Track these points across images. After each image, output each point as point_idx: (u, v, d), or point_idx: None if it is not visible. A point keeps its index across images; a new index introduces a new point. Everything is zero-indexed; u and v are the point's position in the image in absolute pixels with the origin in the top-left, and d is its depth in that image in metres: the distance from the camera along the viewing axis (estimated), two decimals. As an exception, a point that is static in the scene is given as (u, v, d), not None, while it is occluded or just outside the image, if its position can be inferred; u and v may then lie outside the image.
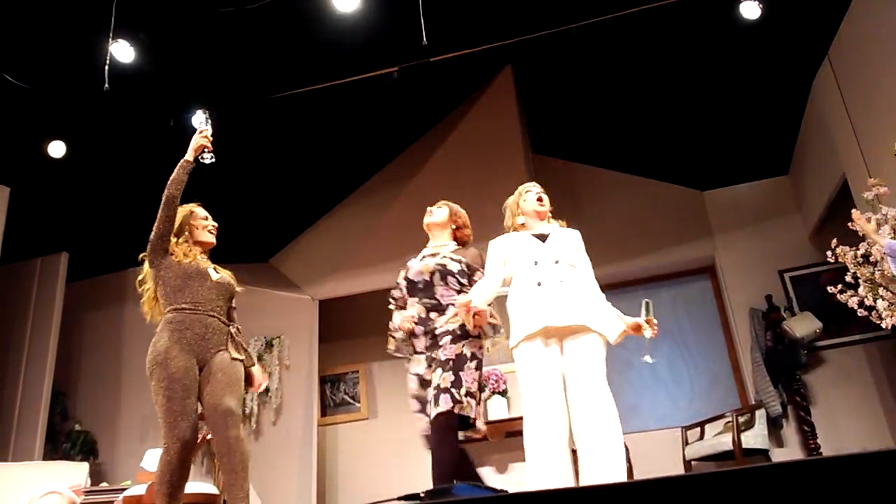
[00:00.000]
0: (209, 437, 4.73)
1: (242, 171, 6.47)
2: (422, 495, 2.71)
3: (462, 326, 3.27)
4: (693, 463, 5.80)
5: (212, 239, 3.44)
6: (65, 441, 6.74)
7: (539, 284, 3.08)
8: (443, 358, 3.25)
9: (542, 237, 3.24)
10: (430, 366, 3.33)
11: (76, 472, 4.81)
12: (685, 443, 5.91)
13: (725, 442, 5.46)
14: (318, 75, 5.77)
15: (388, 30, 5.32)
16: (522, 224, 3.36)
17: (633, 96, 6.49)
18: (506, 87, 6.89)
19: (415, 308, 3.47)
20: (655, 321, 3.03)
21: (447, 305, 3.39)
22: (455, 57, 5.65)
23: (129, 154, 6.08)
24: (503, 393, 5.93)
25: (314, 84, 5.74)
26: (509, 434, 5.81)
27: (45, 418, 6.43)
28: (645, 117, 6.67)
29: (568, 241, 3.25)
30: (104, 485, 5.95)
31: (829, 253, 4.39)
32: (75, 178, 6.09)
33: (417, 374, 3.40)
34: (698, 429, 5.95)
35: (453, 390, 3.15)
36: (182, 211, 3.35)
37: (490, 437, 5.81)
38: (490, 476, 5.94)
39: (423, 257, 3.60)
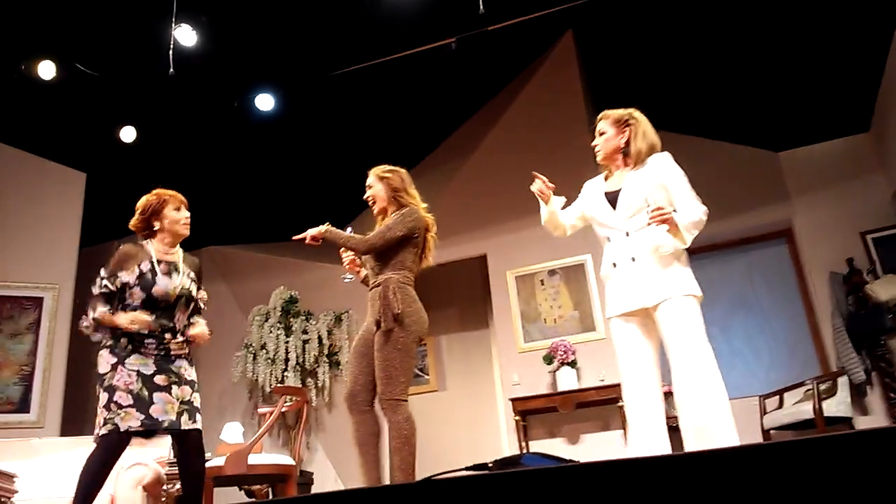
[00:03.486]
0: (283, 408, 4.84)
1: (308, 149, 6.55)
2: (490, 465, 2.70)
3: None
4: (772, 432, 5.65)
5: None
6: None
7: (614, 265, 3.04)
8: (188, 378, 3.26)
9: (615, 198, 3.05)
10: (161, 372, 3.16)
11: (161, 445, 4.97)
12: (763, 412, 5.76)
13: (806, 410, 5.29)
14: (374, 51, 5.75)
15: (443, 0, 5.26)
16: (608, 171, 3.23)
17: (701, 56, 6.25)
18: (567, 53, 6.75)
19: None
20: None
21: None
22: (513, 24, 5.56)
23: (196, 136, 6.22)
24: (572, 364, 5.87)
25: (370, 60, 5.73)
26: (580, 405, 5.76)
27: (129, 394, 6.68)
28: (714, 77, 6.42)
29: (641, 190, 2.99)
30: (186, 457, 6.18)
31: (915, 211, 4.17)
32: (146, 162, 6.28)
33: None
34: (777, 397, 5.78)
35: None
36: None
37: (560, 409, 5.78)
38: (561, 447, 5.92)
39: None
